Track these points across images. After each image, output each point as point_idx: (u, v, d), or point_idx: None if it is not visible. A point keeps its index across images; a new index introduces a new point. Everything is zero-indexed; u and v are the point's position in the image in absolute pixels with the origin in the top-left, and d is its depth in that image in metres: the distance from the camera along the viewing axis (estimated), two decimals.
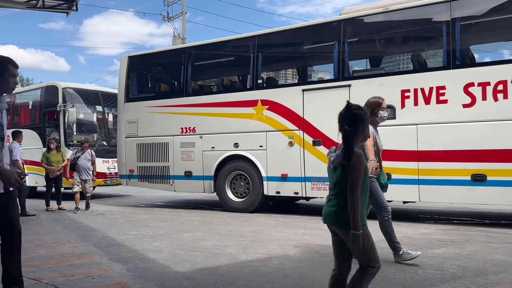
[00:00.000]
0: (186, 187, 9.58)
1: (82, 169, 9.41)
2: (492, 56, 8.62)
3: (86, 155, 9.53)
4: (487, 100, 6.51)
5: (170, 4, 24.23)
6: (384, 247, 4.38)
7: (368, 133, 2.70)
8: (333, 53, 7.95)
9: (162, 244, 5.51)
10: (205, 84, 11.39)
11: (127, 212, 9.30)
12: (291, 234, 6.23)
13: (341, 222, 2.56)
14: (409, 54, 8.19)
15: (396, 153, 7.13)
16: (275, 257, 4.74)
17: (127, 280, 3.89)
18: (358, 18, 7.95)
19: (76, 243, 5.71)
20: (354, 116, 2.60)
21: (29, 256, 4.89)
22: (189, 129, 9.39)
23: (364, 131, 2.64)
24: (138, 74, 10.74)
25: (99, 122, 13.07)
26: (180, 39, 22.88)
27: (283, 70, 15.84)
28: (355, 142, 2.56)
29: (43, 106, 12.54)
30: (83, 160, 9.45)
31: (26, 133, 12.57)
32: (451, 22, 6.89)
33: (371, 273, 2.60)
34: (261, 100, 8.53)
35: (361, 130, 2.61)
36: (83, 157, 9.47)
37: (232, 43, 9.53)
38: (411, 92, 7.12)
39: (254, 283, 3.73)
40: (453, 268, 4.18)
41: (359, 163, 2.48)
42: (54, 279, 3.91)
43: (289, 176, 8.22)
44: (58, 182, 9.98)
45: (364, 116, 2.63)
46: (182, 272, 4.15)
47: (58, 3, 8.54)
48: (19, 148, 8.67)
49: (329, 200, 2.67)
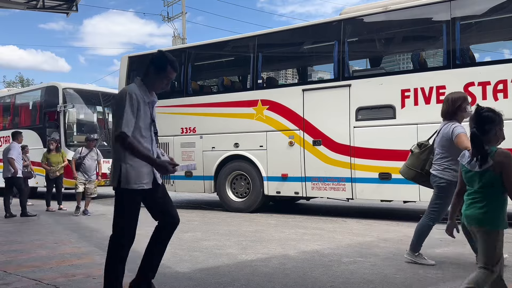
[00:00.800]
0: (186, 187, 9.58)
1: (88, 169, 8.87)
2: (492, 55, 8.63)
3: (93, 154, 9.00)
4: (487, 99, 6.51)
5: (170, 4, 24.28)
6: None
7: (502, 135, 2.65)
8: (333, 53, 7.95)
9: None
10: (205, 84, 11.40)
11: None
12: (291, 234, 6.23)
13: (493, 223, 2.52)
14: (409, 53, 8.20)
15: (396, 152, 7.13)
16: (276, 257, 4.74)
17: (128, 280, 3.89)
18: (358, 18, 7.95)
19: (77, 244, 5.71)
20: (484, 118, 2.58)
21: (30, 256, 4.90)
22: (189, 129, 9.39)
23: (496, 133, 2.59)
24: (138, 74, 10.70)
25: (99, 122, 13.09)
26: (180, 39, 22.89)
27: (283, 70, 15.85)
28: (486, 145, 2.53)
29: (44, 106, 12.55)
30: (89, 159, 8.91)
31: (26, 134, 12.57)
32: (451, 22, 6.89)
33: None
34: (261, 100, 8.53)
35: (492, 133, 2.58)
36: (89, 157, 8.93)
37: (232, 43, 9.54)
38: (411, 91, 7.12)
39: (254, 283, 3.73)
40: (454, 267, 4.18)
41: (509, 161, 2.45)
42: (55, 280, 3.91)
43: (289, 176, 8.23)
44: (59, 182, 10.00)
45: (495, 118, 2.60)
46: (183, 272, 4.15)
47: (58, 3, 8.56)
48: (17, 148, 8.72)
49: (471, 203, 2.61)
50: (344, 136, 7.61)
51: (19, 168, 8.74)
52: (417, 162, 4.43)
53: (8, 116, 14.02)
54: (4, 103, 14.26)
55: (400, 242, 5.46)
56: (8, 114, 14.03)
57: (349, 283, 3.71)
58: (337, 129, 7.68)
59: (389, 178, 7.23)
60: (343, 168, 7.63)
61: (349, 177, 7.60)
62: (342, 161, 7.63)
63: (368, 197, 7.75)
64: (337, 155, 7.68)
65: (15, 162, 8.58)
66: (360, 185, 7.52)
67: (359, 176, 7.50)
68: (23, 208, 8.58)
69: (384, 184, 7.30)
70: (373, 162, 7.37)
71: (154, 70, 3.05)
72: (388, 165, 7.23)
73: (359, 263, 4.41)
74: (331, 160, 7.75)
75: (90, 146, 9.08)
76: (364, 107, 7.50)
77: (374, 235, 6.02)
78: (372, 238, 5.83)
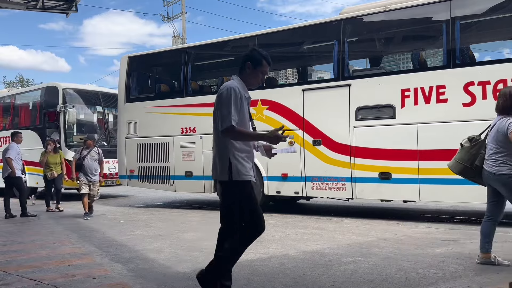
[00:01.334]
0: (186, 187, 9.58)
1: (88, 170, 8.42)
2: (492, 55, 8.62)
3: (93, 154, 8.56)
4: (487, 99, 6.51)
5: (170, 4, 24.28)
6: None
7: None
8: (333, 53, 7.95)
9: (162, 244, 5.51)
10: (205, 84, 11.40)
11: (127, 212, 9.30)
12: (291, 233, 6.23)
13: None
14: (409, 53, 8.19)
15: (396, 152, 7.14)
16: (276, 256, 4.74)
17: (128, 280, 3.89)
18: (357, 18, 7.95)
19: (76, 244, 5.71)
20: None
21: (30, 256, 4.91)
22: (189, 129, 9.39)
23: None
24: (138, 74, 10.75)
25: (99, 122, 13.07)
26: (180, 39, 22.89)
27: (283, 69, 15.84)
28: None
29: (44, 107, 12.55)
30: (89, 159, 8.48)
31: (26, 134, 12.59)
32: (451, 21, 6.89)
33: None
34: (261, 100, 8.53)
35: None
36: (90, 157, 8.49)
37: (232, 43, 9.53)
38: (411, 91, 7.12)
39: (254, 283, 3.73)
40: (454, 267, 4.18)
41: None
42: (55, 280, 3.91)
43: (289, 176, 8.23)
44: (57, 183, 9.96)
45: None
46: (183, 272, 4.16)
47: (57, 3, 8.55)
48: (15, 148, 8.72)
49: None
50: (344, 136, 7.60)
51: (18, 168, 8.74)
52: (466, 156, 4.33)
53: (8, 117, 14.02)
54: (4, 103, 14.26)
55: (400, 242, 5.46)
56: (8, 114, 14.04)
57: (349, 282, 3.71)
58: (337, 129, 7.68)
59: (389, 177, 7.23)
60: (343, 168, 7.63)
61: (349, 177, 7.59)
62: (342, 161, 7.63)
63: (368, 196, 7.74)
64: (337, 155, 7.68)
65: (13, 162, 8.58)
66: (360, 184, 7.52)
67: (359, 175, 7.50)
68: (23, 208, 8.59)
69: (384, 183, 7.30)
70: (373, 162, 7.37)
71: (250, 66, 3.13)
72: (388, 164, 7.24)
73: (359, 262, 4.41)
74: (331, 160, 7.74)
75: (89, 146, 8.70)
76: (364, 106, 7.50)
77: (374, 235, 6.02)
78: (372, 237, 5.83)
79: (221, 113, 2.98)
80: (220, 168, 3.07)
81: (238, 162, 3.03)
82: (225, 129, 2.94)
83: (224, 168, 3.03)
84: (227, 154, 3.03)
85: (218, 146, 3.11)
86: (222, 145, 3.07)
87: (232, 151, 3.03)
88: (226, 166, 3.02)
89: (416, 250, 4.87)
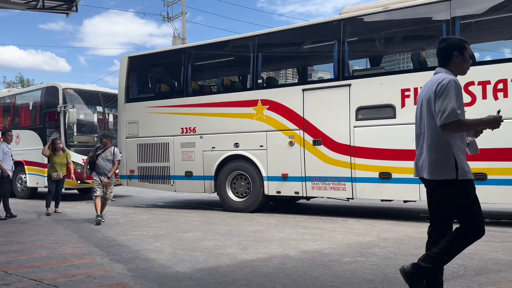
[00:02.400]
0: (186, 187, 9.58)
1: (102, 170, 7.81)
2: (492, 54, 8.61)
3: (107, 154, 7.88)
4: (487, 99, 6.51)
5: (170, 4, 24.28)
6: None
7: None
8: (333, 53, 7.95)
9: (163, 244, 5.52)
10: (205, 84, 11.40)
11: (128, 212, 9.30)
12: (291, 233, 6.23)
13: None
14: (409, 53, 8.19)
15: (396, 152, 7.13)
16: (276, 256, 4.74)
17: (128, 280, 3.90)
18: (358, 18, 7.95)
19: (77, 244, 5.71)
20: None
21: (30, 257, 4.91)
22: (190, 129, 9.39)
23: None
24: (138, 74, 10.75)
25: (99, 122, 13.07)
26: (180, 39, 22.89)
27: (283, 69, 15.84)
28: None
29: (44, 107, 12.54)
30: (102, 159, 7.83)
31: (26, 134, 12.66)
32: (451, 21, 6.89)
33: None
34: (261, 100, 8.53)
35: None
36: (104, 156, 7.84)
37: (232, 43, 9.54)
38: (411, 91, 7.12)
39: (254, 283, 3.73)
40: (454, 267, 4.18)
41: None
42: (55, 280, 3.92)
43: (289, 176, 8.23)
44: (59, 185, 9.73)
45: None
46: (183, 272, 4.16)
47: (58, 4, 8.57)
48: (2, 148, 8.48)
49: None
50: (344, 136, 7.61)
51: (8, 168, 8.57)
52: None
53: (8, 117, 14.02)
54: (4, 103, 14.26)
55: (400, 242, 5.46)
56: (8, 114, 14.03)
57: (350, 282, 3.71)
58: (337, 129, 7.68)
59: (389, 177, 7.23)
60: (343, 168, 7.63)
61: (349, 177, 7.60)
62: (342, 161, 7.63)
63: (368, 196, 7.74)
64: (337, 155, 7.68)
65: (2, 163, 8.39)
66: (360, 184, 7.52)
67: (359, 175, 7.50)
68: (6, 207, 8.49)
69: (384, 183, 7.30)
70: (373, 162, 7.37)
71: (458, 54, 3.07)
72: (388, 164, 7.24)
73: (359, 262, 4.41)
74: (331, 159, 7.75)
75: (105, 144, 8.01)
76: (364, 106, 7.50)
77: (375, 235, 6.02)
78: (372, 237, 5.83)
79: (443, 106, 2.82)
80: (444, 165, 2.88)
81: (462, 160, 2.89)
82: (451, 123, 2.78)
83: (450, 165, 2.86)
84: (450, 151, 2.87)
85: (435, 141, 2.93)
86: (441, 141, 2.90)
87: (455, 148, 2.88)
88: (452, 162, 2.86)
89: (416, 250, 4.87)
